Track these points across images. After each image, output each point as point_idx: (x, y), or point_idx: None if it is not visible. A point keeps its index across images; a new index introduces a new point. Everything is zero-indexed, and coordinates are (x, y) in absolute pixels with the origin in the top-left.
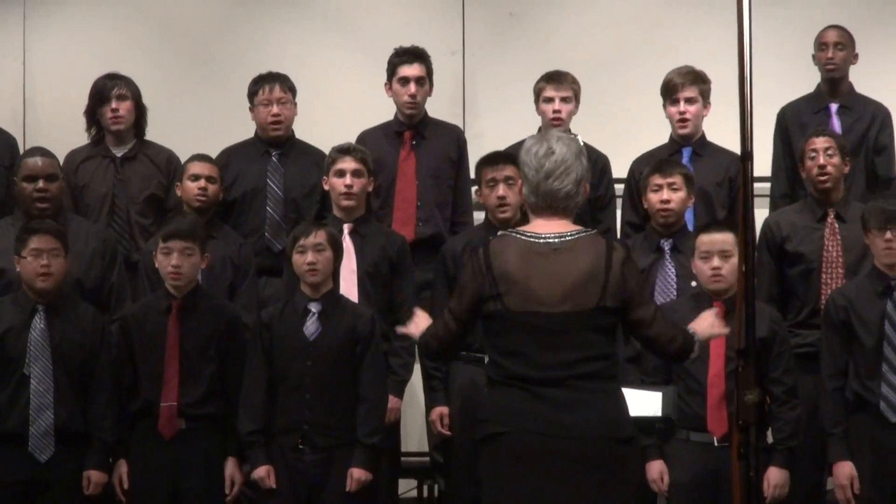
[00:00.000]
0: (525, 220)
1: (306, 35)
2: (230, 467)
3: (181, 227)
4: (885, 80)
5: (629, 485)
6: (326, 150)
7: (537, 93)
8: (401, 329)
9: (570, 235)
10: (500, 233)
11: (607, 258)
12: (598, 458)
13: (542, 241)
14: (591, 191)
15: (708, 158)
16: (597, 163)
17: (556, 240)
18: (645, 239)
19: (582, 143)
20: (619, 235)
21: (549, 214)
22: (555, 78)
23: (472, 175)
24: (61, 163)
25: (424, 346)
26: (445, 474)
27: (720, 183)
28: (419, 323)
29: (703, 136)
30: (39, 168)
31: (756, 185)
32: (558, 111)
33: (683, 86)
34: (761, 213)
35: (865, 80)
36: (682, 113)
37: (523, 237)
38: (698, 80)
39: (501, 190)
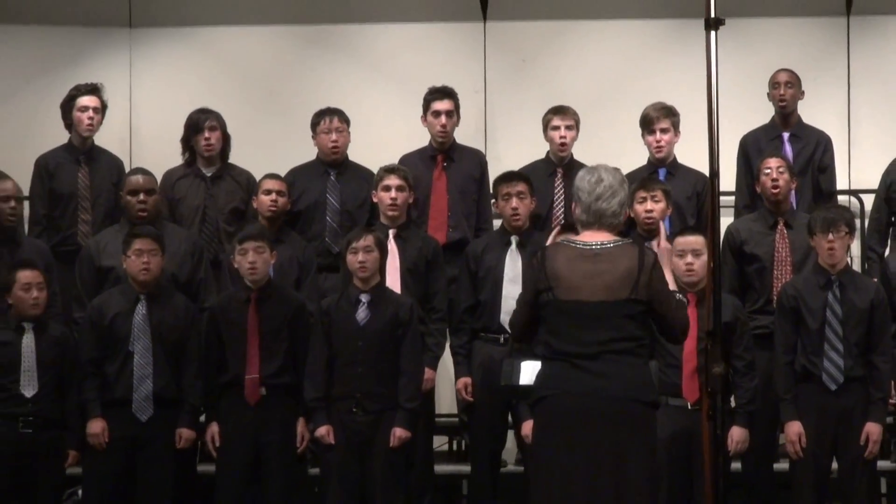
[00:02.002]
0: (534, 228)
1: (357, 76)
2: (301, 426)
3: (253, 231)
4: (827, 112)
5: (653, 444)
6: (374, 169)
7: (545, 123)
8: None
9: (611, 244)
10: (556, 241)
11: (640, 262)
12: (624, 416)
13: (587, 247)
14: None
15: (679, 177)
16: None
17: (599, 247)
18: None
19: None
20: None
21: (596, 229)
22: (560, 110)
23: (492, 190)
24: (159, 180)
25: (511, 327)
26: (469, 432)
27: (689, 197)
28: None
29: (674, 159)
30: (141, 184)
31: (722, 198)
32: (563, 137)
33: (658, 119)
34: (725, 221)
35: (811, 112)
36: (657, 141)
37: (572, 245)
38: (670, 113)
39: (514, 202)
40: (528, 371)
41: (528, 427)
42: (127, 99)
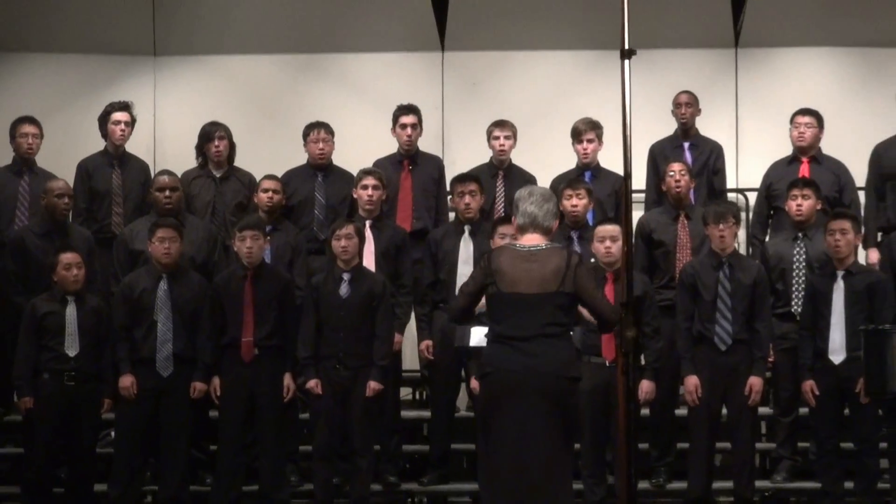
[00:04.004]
0: (482, 220)
1: (340, 96)
2: (287, 380)
3: (250, 222)
4: (718, 125)
5: (573, 409)
6: (354, 172)
7: (488, 133)
8: None
9: (543, 246)
10: (500, 244)
11: (567, 262)
12: (552, 389)
13: (524, 249)
14: None
15: (601, 178)
16: (530, 181)
17: (534, 249)
18: (560, 231)
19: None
20: None
21: (531, 231)
22: (500, 123)
23: (448, 188)
24: None
25: (450, 311)
26: (430, 385)
27: (609, 194)
28: None
29: (598, 164)
30: (167, 183)
31: (634, 195)
32: (503, 145)
33: (586, 131)
34: (637, 214)
35: (706, 125)
36: (585, 149)
37: (513, 247)
38: (595, 126)
39: (468, 199)
40: (478, 334)
41: (475, 382)
42: (152, 114)
